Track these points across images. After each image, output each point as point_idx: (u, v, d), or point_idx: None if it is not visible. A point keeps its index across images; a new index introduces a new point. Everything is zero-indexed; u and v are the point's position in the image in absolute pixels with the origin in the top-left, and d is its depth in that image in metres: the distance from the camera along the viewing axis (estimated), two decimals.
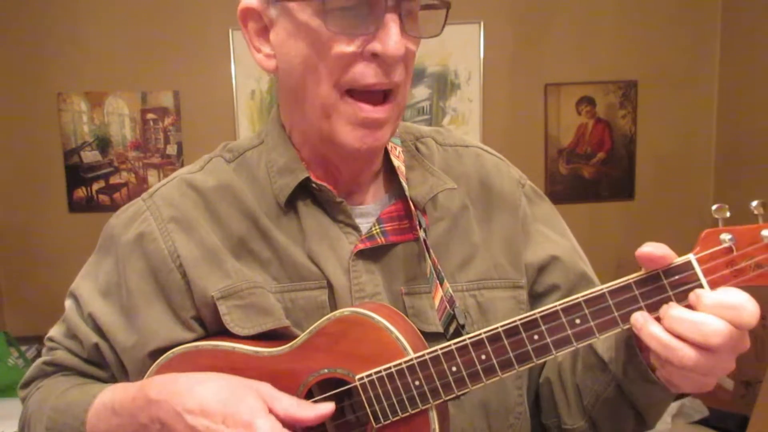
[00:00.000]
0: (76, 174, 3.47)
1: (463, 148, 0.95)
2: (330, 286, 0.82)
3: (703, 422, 2.89)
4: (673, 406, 2.85)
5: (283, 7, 0.76)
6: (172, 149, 3.50)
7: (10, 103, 3.39)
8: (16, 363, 2.81)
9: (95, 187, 3.49)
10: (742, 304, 0.62)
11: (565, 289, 0.90)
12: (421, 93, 3.52)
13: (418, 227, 0.83)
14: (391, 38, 0.72)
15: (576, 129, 3.64)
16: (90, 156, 3.47)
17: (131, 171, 3.51)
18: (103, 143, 3.47)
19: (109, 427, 0.79)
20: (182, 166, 3.76)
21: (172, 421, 0.73)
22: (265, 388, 0.75)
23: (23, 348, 2.98)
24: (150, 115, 3.46)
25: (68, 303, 0.92)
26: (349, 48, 0.73)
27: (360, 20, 0.73)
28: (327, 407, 0.74)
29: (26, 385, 0.95)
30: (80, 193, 3.49)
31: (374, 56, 0.73)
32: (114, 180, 3.50)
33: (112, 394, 0.82)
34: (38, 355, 3.07)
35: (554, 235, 0.93)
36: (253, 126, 3.43)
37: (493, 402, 0.86)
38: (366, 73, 0.74)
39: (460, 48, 3.48)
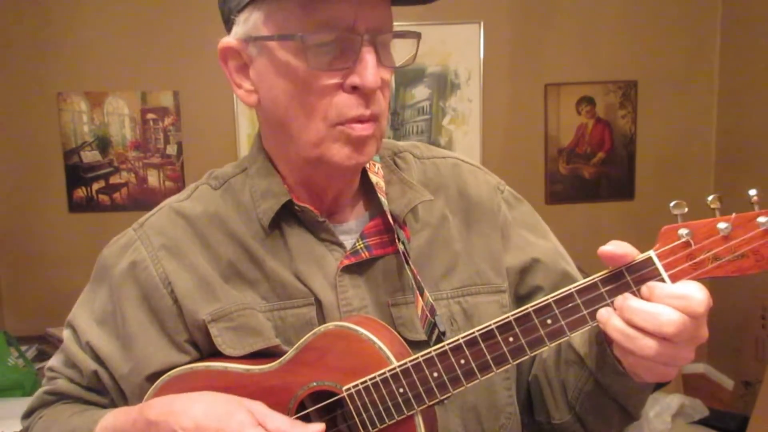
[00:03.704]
0: (76, 174, 3.47)
1: (441, 160, 0.98)
2: (318, 303, 0.85)
3: (703, 422, 2.90)
4: (673, 406, 2.85)
5: (262, 46, 0.79)
6: (172, 149, 3.51)
7: (10, 103, 3.40)
8: (16, 363, 2.82)
9: (95, 187, 3.50)
10: (690, 293, 0.65)
11: (548, 289, 0.92)
12: (421, 93, 3.52)
13: (397, 240, 0.86)
14: (369, 71, 0.75)
15: (576, 129, 3.64)
16: (90, 156, 3.47)
17: (131, 171, 3.51)
18: (103, 143, 3.47)
19: None
20: (182, 165, 3.81)
21: None
22: (258, 406, 0.79)
23: (23, 348, 2.99)
24: (150, 115, 3.47)
25: (66, 333, 0.94)
26: (331, 81, 0.77)
27: (338, 55, 0.76)
28: (318, 427, 0.78)
29: (28, 415, 0.98)
30: (80, 193, 3.49)
31: (354, 88, 0.77)
32: (114, 180, 3.51)
33: (114, 418, 0.85)
34: (38, 354, 3.08)
35: (534, 238, 0.96)
36: (253, 126, 3.43)
37: (483, 404, 0.88)
38: (349, 105, 0.77)
39: (460, 48, 3.49)
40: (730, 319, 3.08)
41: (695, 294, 0.65)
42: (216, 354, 0.85)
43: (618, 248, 0.68)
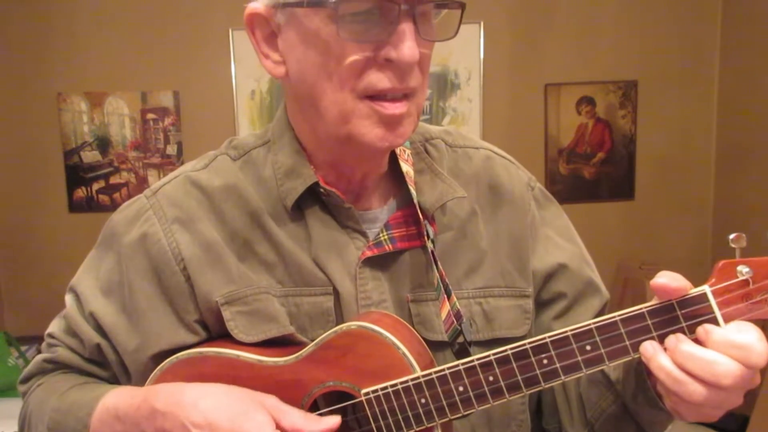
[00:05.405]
0: (76, 174, 3.47)
1: (473, 150, 0.93)
2: (336, 293, 0.81)
3: (703, 422, 2.89)
4: None
5: (291, 13, 0.74)
6: (172, 149, 3.50)
7: (10, 103, 3.39)
8: (16, 363, 2.81)
9: (95, 187, 3.49)
10: (751, 344, 0.61)
11: (571, 296, 0.89)
12: None
13: (425, 236, 0.82)
14: (406, 44, 0.70)
15: (576, 129, 3.64)
16: (90, 156, 3.47)
17: (131, 171, 3.51)
18: (103, 143, 3.47)
19: None
20: (182, 166, 3.74)
21: None
22: (272, 401, 0.74)
23: (23, 348, 2.98)
24: (150, 115, 3.46)
25: (69, 299, 0.90)
26: (363, 54, 0.71)
27: (373, 25, 0.70)
28: (334, 420, 0.74)
29: (26, 380, 0.94)
30: (80, 193, 3.49)
31: (388, 61, 0.71)
32: (114, 180, 3.50)
33: (116, 400, 0.80)
34: (38, 354, 3.07)
35: (562, 241, 0.92)
36: (254, 126, 3.43)
37: (495, 410, 0.84)
38: (381, 79, 0.72)
39: (460, 48, 3.48)
40: None
41: (756, 346, 0.61)
42: (225, 336, 0.81)
43: (672, 281, 0.64)
